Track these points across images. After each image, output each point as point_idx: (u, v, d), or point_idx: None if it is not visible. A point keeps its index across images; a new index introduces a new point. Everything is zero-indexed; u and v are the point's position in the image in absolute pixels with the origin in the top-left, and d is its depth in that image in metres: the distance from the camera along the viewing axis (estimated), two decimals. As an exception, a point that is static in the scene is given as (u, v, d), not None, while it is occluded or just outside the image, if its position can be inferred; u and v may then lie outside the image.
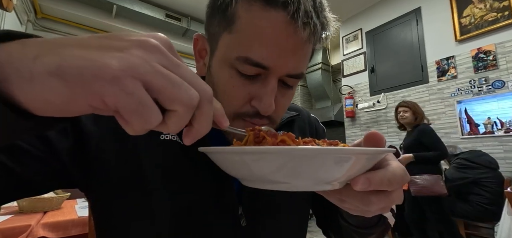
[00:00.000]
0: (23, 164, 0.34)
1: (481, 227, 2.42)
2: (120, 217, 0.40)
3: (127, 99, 0.17)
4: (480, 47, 2.80)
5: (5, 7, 2.13)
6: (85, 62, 0.16)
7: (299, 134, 0.56)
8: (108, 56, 0.17)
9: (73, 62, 0.16)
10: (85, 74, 0.16)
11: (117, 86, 0.16)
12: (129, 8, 3.58)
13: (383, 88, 3.66)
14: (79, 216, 1.41)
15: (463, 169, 2.32)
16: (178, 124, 0.19)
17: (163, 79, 0.18)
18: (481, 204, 2.22)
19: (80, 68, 0.16)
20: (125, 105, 0.17)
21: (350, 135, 4.09)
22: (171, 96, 0.18)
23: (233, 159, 0.26)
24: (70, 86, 0.16)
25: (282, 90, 0.40)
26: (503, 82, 2.65)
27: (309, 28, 0.35)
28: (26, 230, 1.21)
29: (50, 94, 0.16)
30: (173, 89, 0.18)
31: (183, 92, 0.18)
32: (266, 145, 0.27)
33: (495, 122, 2.73)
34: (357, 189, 0.25)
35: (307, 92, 5.76)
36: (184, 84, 0.19)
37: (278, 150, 0.22)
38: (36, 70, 0.16)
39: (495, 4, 2.74)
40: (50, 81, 0.16)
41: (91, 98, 0.17)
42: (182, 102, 0.18)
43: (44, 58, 0.16)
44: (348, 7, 3.96)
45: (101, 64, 0.16)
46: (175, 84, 0.18)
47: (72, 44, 0.17)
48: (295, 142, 0.27)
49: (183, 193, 0.40)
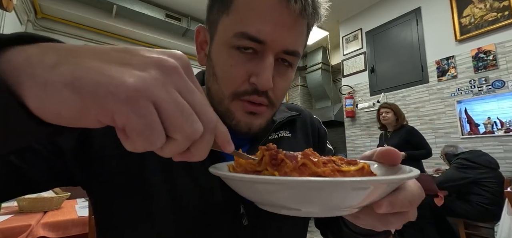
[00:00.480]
0: (28, 162, 0.34)
1: (481, 227, 2.42)
2: (121, 217, 0.40)
3: (137, 121, 0.17)
4: (480, 47, 2.80)
5: (5, 7, 2.13)
6: (101, 78, 0.16)
7: (301, 133, 0.57)
8: (126, 73, 0.17)
9: (89, 76, 0.16)
10: (100, 91, 0.16)
11: (130, 107, 0.16)
12: (129, 8, 3.58)
13: (383, 88, 3.66)
14: (79, 216, 1.41)
15: (463, 169, 2.32)
16: (174, 151, 0.19)
17: (175, 108, 0.18)
18: (481, 204, 2.22)
19: (96, 84, 0.16)
20: (134, 126, 0.17)
21: (350, 134, 4.09)
22: (178, 127, 0.18)
23: (244, 185, 0.25)
24: (83, 101, 0.16)
25: (280, 69, 0.41)
26: (503, 82, 2.65)
27: (300, 2, 0.37)
28: (26, 230, 1.21)
29: (61, 107, 0.16)
30: (181, 120, 0.18)
31: (189, 125, 0.18)
32: (286, 168, 0.26)
33: (495, 121, 2.73)
34: (380, 212, 0.25)
35: (307, 92, 5.76)
36: (192, 115, 0.19)
37: (296, 182, 0.21)
38: (51, 80, 0.16)
39: (495, 4, 2.74)
40: (64, 93, 0.16)
41: (102, 114, 0.17)
42: (185, 134, 0.18)
43: (61, 67, 0.16)
44: (348, 7, 3.95)
45: (118, 82, 0.16)
46: (184, 115, 0.18)
47: (91, 55, 0.17)
48: (316, 164, 0.26)
49: (183, 192, 0.40)
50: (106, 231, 0.42)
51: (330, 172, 0.25)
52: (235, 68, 0.39)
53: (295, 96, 5.79)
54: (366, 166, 0.28)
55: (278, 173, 0.26)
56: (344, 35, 4.24)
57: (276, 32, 0.37)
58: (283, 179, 0.21)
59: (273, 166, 0.27)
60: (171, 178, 0.40)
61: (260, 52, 0.39)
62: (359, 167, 0.27)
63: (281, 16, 0.37)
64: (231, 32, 0.38)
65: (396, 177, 0.24)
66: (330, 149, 0.64)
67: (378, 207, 0.25)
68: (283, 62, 0.42)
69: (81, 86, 0.16)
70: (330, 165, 0.26)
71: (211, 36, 0.43)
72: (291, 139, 0.54)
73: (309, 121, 0.60)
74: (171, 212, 0.39)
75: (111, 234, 0.41)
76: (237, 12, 0.38)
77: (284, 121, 0.53)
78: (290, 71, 0.43)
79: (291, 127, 0.56)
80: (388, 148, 0.31)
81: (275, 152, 0.28)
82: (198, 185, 0.41)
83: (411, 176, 0.24)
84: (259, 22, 0.37)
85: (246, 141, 0.49)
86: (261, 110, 0.42)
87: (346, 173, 0.26)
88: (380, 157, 0.32)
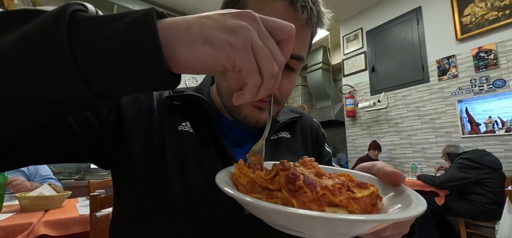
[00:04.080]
0: (82, 127, 0.37)
1: (481, 226, 2.42)
2: (137, 205, 0.42)
3: (248, 63, 0.24)
4: (481, 46, 2.80)
5: (6, 7, 2.14)
6: (222, 35, 0.24)
7: (300, 135, 0.60)
8: (232, 32, 0.24)
9: (215, 35, 0.23)
10: (226, 45, 0.23)
11: (244, 53, 0.24)
12: (129, 7, 3.60)
13: (383, 88, 3.65)
14: (80, 214, 1.42)
15: (466, 169, 2.30)
16: (266, 87, 0.26)
17: (262, 51, 0.25)
18: (482, 203, 2.21)
19: (221, 41, 0.23)
20: (247, 66, 0.24)
21: (351, 134, 4.09)
22: (263, 65, 0.25)
23: (259, 210, 0.25)
24: (216, 52, 0.24)
25: (285, 73, 0.45)
26: (504, 81, 2.64)
27: (306, 11, 0.41)
28: (28, 228, 1.22)
29: (202, 56, 0.24)
30: (266, 60, 0.25)
31: (270, 65, 0.25)
32: (304, 198, 0.26)
33: (496, 121, 2.73)
34: (385, 235, 0.29)
35: (308, 92, 5.76)
36: (271, 58, 0.25)
37: (319, 219, 0.21)
38: (191, 39, 0.23)
39: (495, 3, 2.74)
40: (204, 47, 0.23)
41: (227, 61, 0.24)
42: (269, 72, 0.25)
43: (192, 30, 0.23)
44: (349, 6, 3.95)
45: (233, 38, 0.24)
46: (267, 56, 0.25)
47: (203, 23, 0.24)
48: (334, 194, 0.26)
49: (194, 184, 0.42)
50: (124, 225, 0.44)
51: (346, 201, 0.26)
52: None
53: (296, 96, 5.78)
54: (375, 190, 0.30)
55: (296, 202, 0.26)
56: (345, 35, 4.24)
57: None
58: (306, 214, 0.21)
59: (289, 190, 0.27)
60: (184, 171, 0.43)
61: None
62: (370, 192, 0.29)
63: None
64: None
65: (407, 215, 0.24)
66: (328, 151, 0.66)
67: (383, 231, 0.28)
68: (287, 67, 0.45)
69: (213, 42, 0.23)
70: (345, 192, 0.27)
71: None
72: (290, 140, 0.57)
73: (309, 124, 0.63)
74: (184, 205, 0.41)
75: (128, 228, 0.43)
76: None
77: (287, 122, 0.56)
78: (293, 74, 0.47)
79: (291, 129, 0.58)
80: (393, 171, 0.33)
81: (293, 176, 0.27)
82: (208, 178, 0.42)
83: (418, 212, 0.25)
84: None
85: (249, 139, 0.52)
86: (267, 105, 0.44)
87: (359, 200, 0.27)
88: (384, 177, 0.35)
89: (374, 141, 3.51)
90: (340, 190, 0.27)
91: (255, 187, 0.30)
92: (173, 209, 0.41)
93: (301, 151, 0.58)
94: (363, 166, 0.39)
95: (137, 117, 0.44)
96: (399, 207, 0.29)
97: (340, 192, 0.27)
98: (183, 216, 0.41)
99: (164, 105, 0.49)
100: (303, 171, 0.30)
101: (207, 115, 0.48)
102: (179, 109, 0.49)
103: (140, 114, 0.45)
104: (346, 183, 0.29)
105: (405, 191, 0.32)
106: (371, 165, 0.38)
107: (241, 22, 0.24)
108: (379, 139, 3.62)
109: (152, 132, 0.44)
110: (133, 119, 0.44)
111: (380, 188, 0.33)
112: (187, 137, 0.46)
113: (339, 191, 0.27)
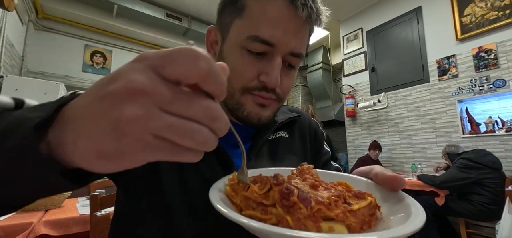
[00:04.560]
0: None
1: (482, 226, 2.42)
2: (138, 210, 0.43)
3: (163, 154, 0.18)
4: (481, 46, 2.80)
5: (6, 7, 2.14)
6: (115, 144, 0.16)
7: (298, 135, 0.60)
8: (123, 128, 0.16)
9: (110, 146, 0.16)
10: (118, 155, 0.17)
11: (148, 150, 0.17)
12: (130, 7, 3.59)
13: (384, 88, 3.65)
14: (80, 214, 1.42)
15: (466, 169, 2.29)
16: (208, 145, 0.19)
17: (170, 132, 0.17)
18: (482, 203, 2.21)
19: (115, 151, 0.16)
20: (164, 157, 0.18)
21: (351, 134, 4.08)
22: (186, 144, 0.18)
23: (253, 231, 0.24)
24: (115, 157, 0.17)
25: (286, 70, 0.47)
26: (504, 81, 2.64)
27: (306, 10, 0.42)
28: (28, 228, 1.22)
29: (106, 167, 0.18)
30: (184, 139, 0.17)
31: (189, 140, 0.17)
32: (299, 214, 0.25)
33: (496, 121, 2.72)
34: None
35: (308, 92, 5.76)
36: (188, 130, 0.17)
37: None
38: (87, 158, 0.17)
39: (496, 2, 2.73)
40: (101, 161, 0.17)
41: (141, 161, 0.18)
42: (199, 145, 0.18)
43: (79, 143, 0.17)
44: (349, 6, 3.95)
45: (125, 145, 0.16)
46: (180, 133, 0.17)
47: (89, 118, 0.17)
48: (329, 208, 0.25)
49: (192, 185, 0.43)
50: (124, 225, 0.45)
51: (342, 215, 0.25)
52: (247, 66, 0.43)
53: (296, 96, 5.78)
54: (373, 200, 0.29)
55: (291, 218, 0.25)
56: (345, 35, 4.23)
57: (285, 37, 0.42)
58: (296, 234, 0.21)
59: (283, 206, 0.26)
60: (181, 174, 0.43)
61: (269, 53, 0.43)
62: (367, 202, 0.28)
63: (289, 23, 0.42)
64: (244, 34, 0.43)
65: (405, 232, 0.23)
66: (327, 151, 0.66)
67: None
68: (289, 64, 0.47)
69: (107, 155, 0.17)
70: (341, 204, 0.26)
71: (223, 37, 0.48)
72: (289, 140, 0.57)
73: (307, 123, 0.63)
74: (182, 206, 0.41)
75: (128, 228, 0.44)
76: (250, 17, 0.43)
77: (286, 121, 0.56)
78: (293, 71, 0.49)
79: (289, 128, 0.58)
80: (393, 175, 0.32)
81: (287, 190, 0.26)
82: (204, 179, 0.42)
83: (419, 225, 0.24)
84: (270, 28, 0.41)
85: (247, 139, 0.52)
86: (269, 102, 0.46)
87: (356, 212, 0.26)
88: (384, 182, 0.34)
89: (375, 140, 3.50)
90: (336, 202, 0.26)
91: (249, 203, 0.30)
92: (172, 211, 0.41)
93: (299, 150, 0.58)
94: (360, 170, 0.39)
95: None
96: (401, 217, 0.27)
97: (336, 205, 0.26)
98: (183, 217, 0.41)
99: None
100: (298, 184, 0.29)
101: None
102: None
103: None
104: (342, 194, 0.28)
105: (404, 199, 0.30)
106: (369, 169, 0.37)
107: (124, 107, 0.16)
108: (379, 139, 3.61)
109: None
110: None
111: (378, 194, 0.33)
112: None
113: (335, 203, 0.26)
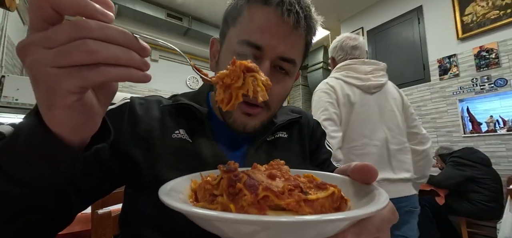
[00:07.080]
0: (86, 189, 0.41)
1: (483, 226, 2.42)
2: (139, 210, 0.45)
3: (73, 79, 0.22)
4: (482, 45, 2.79)
5: (8, 6, 2.15)
6: (46, 88, 0.23)
7: (297, 135, 0.60)
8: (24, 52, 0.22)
9: (46, 96, 0.23)
10: (53, 89, 0.22)
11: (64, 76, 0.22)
12: (130, 7, 3.60)
13: (384, 87, 3.65)
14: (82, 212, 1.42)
15: (460, 167, 2.35)
16: (105, 54, 0.23)
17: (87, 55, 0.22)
18: (481, 201, 2.23)
19: (47, 92, 0.23)
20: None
21: (352, 134, 4.08)
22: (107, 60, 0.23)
23: (201, 222, 0.22)
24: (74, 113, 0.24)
25: (277, 76, 0.47)
26: (506, 80, 2.63)
27: (293, 15, 0.44)
28: (29, 226, 1.22)
29: (64, 114, 0.24)
30: (77, 55, 0.21)
31: (84, 52, 0.21)
32: (243, 202, 0.23)
33: (497, 120, 2.72)
34: None
35: (308, 92, 5.75)
36: (79, 44, 0.21)
37: (250, 220, 0.18)
38: (50, 117, 0.25)
39: (497, 1, 2.73)
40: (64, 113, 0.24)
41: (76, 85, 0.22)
42: (105, 57, 0.22)
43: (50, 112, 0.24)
44: (350, 6, 3.94)
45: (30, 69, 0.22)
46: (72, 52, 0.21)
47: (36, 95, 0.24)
48: (279, 196, 0.23)
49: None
50: (129, 225, 0.47)
51: (294, 204, 0.22)
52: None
53: (296, 96, 5.78)
54: (336, 190, 0.25)
55: (235, 207, 0.23)
56: (346, 34, 4.23)
57: (272, 40, 0.44)
58: (239, 217, 0.19)
59: (229, 194, 0.24)
60: (177, 174, 0.43)
61: (259, 58, 0.45)
62: (328, 193, 0.24)
63: (277, 27, 0.44)
64: (235, 39, 0.46)
65: (358, 213, 0.20)
66: (327, 150, 0.65)
67: (343, 236, 0.22)
68: (280, 70, 0.48)
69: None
70: (296, 193, 0.23)
71: (221, 45, 0.52)
72: (287, 140, 0.57)
73: (307, 123, 0.63)
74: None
75: (132, 228, 0.46)
76: (241, 24, 0.46)
77: (284, 123, 0.56)
78: (287, 79, 0.49)
79: (288, 129, 0.58)
80: (364, 164, 0.29)
81: (235, 177, 0.24)
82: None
83: (375, 210, 0.21)
84: (258, 32, 0.44)
85: (245, 141, 0.52)
86: (256, 112, 0.46)
87: (313, 202, 0.23)
88: (355, 174, 0.31)
89: (375, 140, 3.49)
90: (291, 192, 0.23)
91: (204, 195, 0.27)
92: (172, 210, 0.41)
93: (297, 149, 0.58)
94: (341, 168, 0.36)
95: (131, 134, 0.46)
96: (363, 206, 0.24)
97: (290, 194, 0.23)
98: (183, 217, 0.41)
99: (160, 115, 0.50)
100: (254, 173, 0.26)
101: (199, 121, 0.49)
102: (174, 117, 0.50)
103: (135, 127, 0.47)
104: (301, 184, 0.25)
105: (373, 190, 0.27)
106: (347, 166, 0.34)
107: (24, 63, 0.22)
108: (380, 139, 3.61)
109: (148, 143, 0.46)
110: (127, 135, 0.46)
111: (351, 189, 0.30)
112: (181, 143, 0.47)
113: (289, 193, 0.23)
